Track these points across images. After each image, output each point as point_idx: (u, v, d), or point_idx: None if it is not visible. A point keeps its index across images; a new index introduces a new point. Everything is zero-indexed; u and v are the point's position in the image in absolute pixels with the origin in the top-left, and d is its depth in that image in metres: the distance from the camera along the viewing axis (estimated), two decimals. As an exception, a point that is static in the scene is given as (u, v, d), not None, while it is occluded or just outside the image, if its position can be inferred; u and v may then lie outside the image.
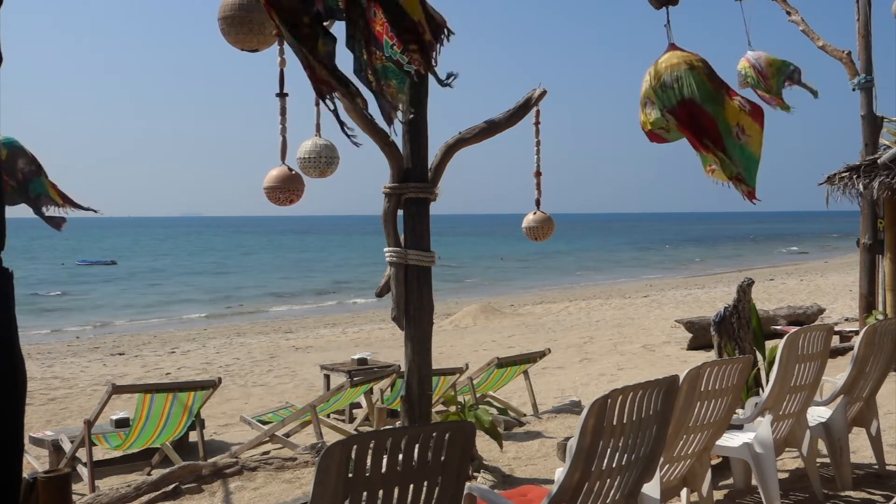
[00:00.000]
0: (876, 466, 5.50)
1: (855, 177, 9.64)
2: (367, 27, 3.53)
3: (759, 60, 8.01)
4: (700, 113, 5.03)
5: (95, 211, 6.57)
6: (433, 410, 5.32)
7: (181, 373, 13.76)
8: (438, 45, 3.80)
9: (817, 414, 5.32)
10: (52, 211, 6.33)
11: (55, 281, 42.26)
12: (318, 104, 5.04)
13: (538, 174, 6.14)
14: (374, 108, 3.88)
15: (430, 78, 4.56)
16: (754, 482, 4.90)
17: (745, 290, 6.43)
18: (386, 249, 4.65)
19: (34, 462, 7.16)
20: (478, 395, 8.16)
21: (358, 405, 8.63)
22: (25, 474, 2.11)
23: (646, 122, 5.27)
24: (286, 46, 4.35)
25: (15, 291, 1.99)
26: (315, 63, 3.33)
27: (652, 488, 3.75)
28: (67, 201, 6.36)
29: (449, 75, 3.85)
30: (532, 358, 9.12)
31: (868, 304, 10.95)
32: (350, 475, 2.48)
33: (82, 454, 6.39)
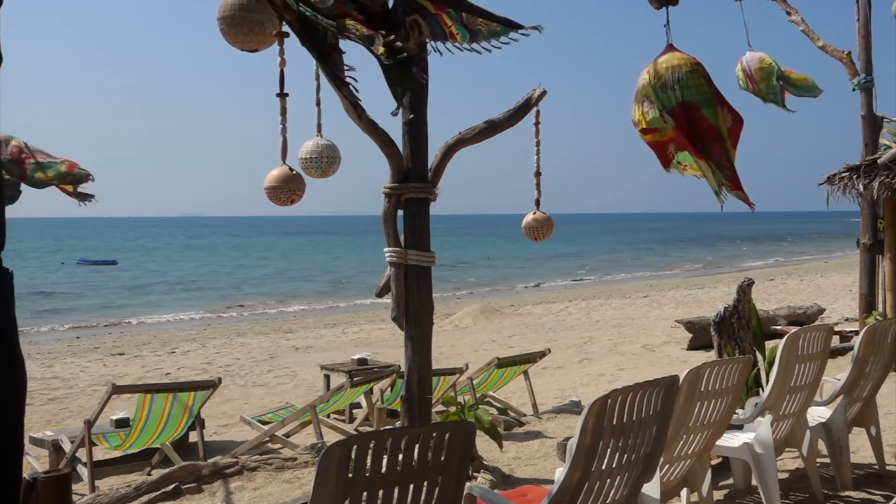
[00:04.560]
0: (876, 466, 5.50)
1: (855, 177, 9.64)
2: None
3: (751, 63, 8.02)
4: (698, 117, 5.05)
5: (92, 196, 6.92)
6: (433, 411, 5.31)
7: (181, 373, 13.76)
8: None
9: (817, 414, 5.32)
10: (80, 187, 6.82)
11: (55, 281, 42.27)
12: (318, 104, 5.04)
13: (538, 174, 6.14)
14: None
15: (430, 79, 4.58)
16: (754, 482, 4.90)
17: (745, 290, 6.43)
18: (386, 249, 4.64)
19: (34, 462, 7.16)
20: (478, 396, 8.16)
21: (358, 405, 8.63)
22: (25, 474, 2.12)
23: (641, 119, 5.28)
24: (286, 46, 4.36)
25: (15, 291, 1.99)
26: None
27: (652, 488, 3.75)
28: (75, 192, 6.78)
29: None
30: (532, 358, 9.12)
31: (868, 304, 10.94)
32: (350, 475, 2.48)
33: (82, 454, 6.39)
